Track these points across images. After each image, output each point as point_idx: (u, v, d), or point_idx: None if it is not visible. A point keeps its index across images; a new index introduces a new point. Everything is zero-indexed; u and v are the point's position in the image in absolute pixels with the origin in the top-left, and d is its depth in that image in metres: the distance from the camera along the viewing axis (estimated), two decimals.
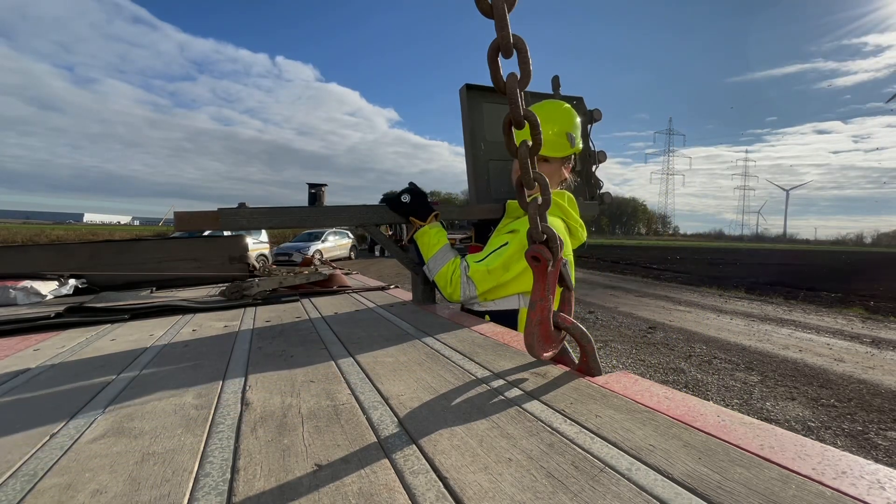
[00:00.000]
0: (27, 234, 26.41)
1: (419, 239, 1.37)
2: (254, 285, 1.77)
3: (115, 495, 0.44)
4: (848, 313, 7.48)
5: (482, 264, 1.28)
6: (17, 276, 1.91)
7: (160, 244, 2.38)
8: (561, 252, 0.81)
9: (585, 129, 1.93)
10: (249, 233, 12.31)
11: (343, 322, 1.30)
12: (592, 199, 1.91)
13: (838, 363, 4.54)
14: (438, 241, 1.35)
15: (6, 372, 0.88)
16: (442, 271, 1.32)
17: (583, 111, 1.94)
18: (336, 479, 0.47)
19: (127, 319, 1.42)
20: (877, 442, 2.86)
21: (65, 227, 41.79)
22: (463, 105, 1.72)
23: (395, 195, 1.41)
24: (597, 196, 1.92)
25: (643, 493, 0.43)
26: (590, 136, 1.92)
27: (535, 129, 0.76)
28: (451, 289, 1.30)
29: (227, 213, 1.21)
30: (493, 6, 0.68)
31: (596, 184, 1.91)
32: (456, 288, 1.29)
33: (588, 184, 1.92)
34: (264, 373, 0.83)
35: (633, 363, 4.47)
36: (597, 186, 1.91)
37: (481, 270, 1.27)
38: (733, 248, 45.82)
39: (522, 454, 0.51)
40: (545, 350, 0.79)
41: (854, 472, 0.45)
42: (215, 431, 0.59)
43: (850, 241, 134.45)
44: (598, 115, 1.90)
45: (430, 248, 1.34)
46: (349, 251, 18.97)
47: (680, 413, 0.60)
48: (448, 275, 1.30)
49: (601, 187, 1.91)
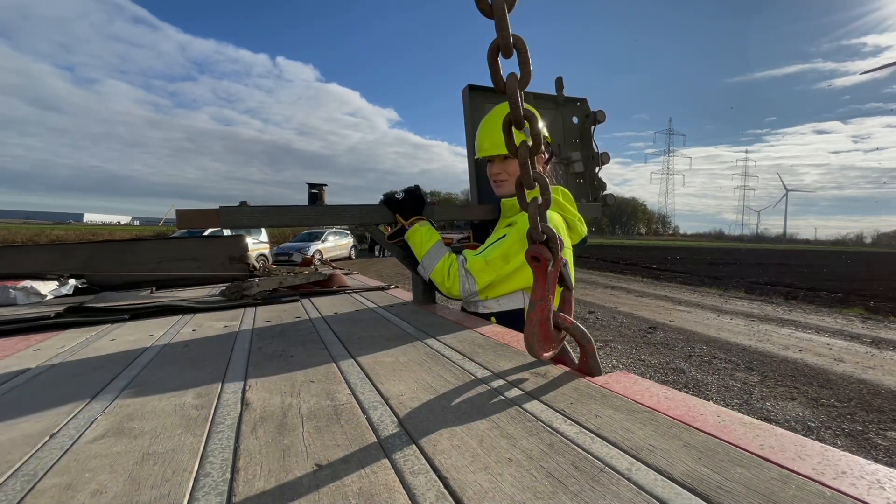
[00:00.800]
0: (27, 234, 26.41)
1: (410, 239, 1.34)
2: (254, 285, 1.77)
3: (115, 495, 0.44)
4: (848, 313, 7.47)
5: (480, 256, 1.25)
6: (17, 276, 1.91)
7: (160, 244, 2.39)
8: (561, 252, 0.81)
9: (589, 131, 1.92)
10: (249, 233, 12.31)
11: (343, 322, 1.30)
12: (595, 201, 1.91)
13: (838, 363, 4.53)
14: (430, 237, 1.32)
15: (6, 372, 0.88)
16: (437, 267, 1.29)
17: (586, 112, 1.94)
18: (336, 479, 0.47)
19: (127, 319, 1.42)
20: (877, 442, 2.86)
21: (65, 227, 41.81)
22: (465, 106, 1.72)
23: (393, 193, 1.40)
24: (600, 197, 1.91)
25: (643, 493, 0.43)
26: (593, 138, 1.91)
27: (536, 128, 0.76)
28: (449, 283, 1.27)
29: (227, 212, 1.21)
30: (493, 6, 0.68)
31: (599, 185, 1.90)
32: (455, 282, 1.26)
33: (591, 185, 1.92)
34: (264, 373, 0.83)
35: (633, 363, 4.47)
36: (600, 188, 1.90)
37: (479, 262, 1.24)
38: (733, 248, 45.83)
39: (522, 454, 0.51)
40: (545, 350, 0.79)
41: (854, 472, 0.45)
42: (215, 431, 0.59)
43: (850, 241, 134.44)
44: (602, 116, 1.89)
45: (423, 245, 1.32)
46: (349, 251, 18.97)
47: (680, 413, 0.60)
48: (445, 269, 1.27)
49: (605, 189, 1.90)
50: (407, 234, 1.35)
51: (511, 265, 1.24)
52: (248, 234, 9.88)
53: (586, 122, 1.93)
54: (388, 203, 1.38)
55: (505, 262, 1.23)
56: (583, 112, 1.95)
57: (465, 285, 1.25)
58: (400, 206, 1.37)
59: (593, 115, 1.90)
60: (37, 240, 21.93)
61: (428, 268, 1.31)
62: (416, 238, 1.33)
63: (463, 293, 1.27)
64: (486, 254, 1.25)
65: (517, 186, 0.82)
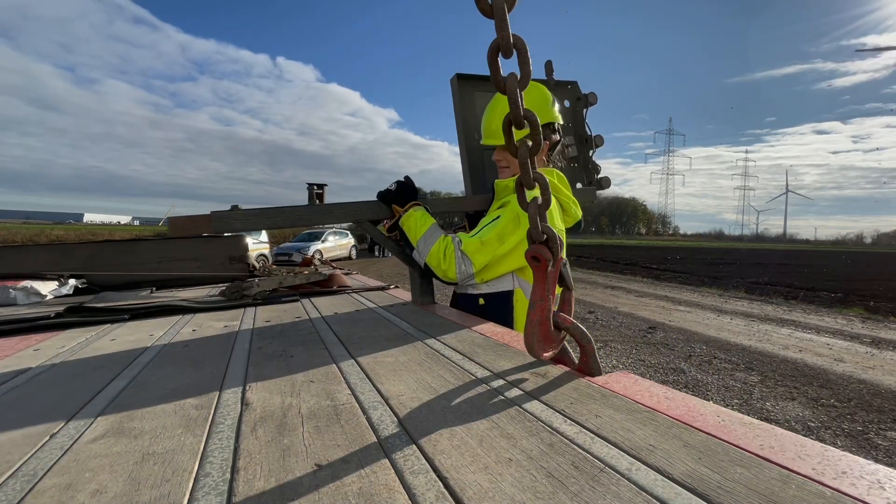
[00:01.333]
0: (27, 234, 26.40)
1: (404, 224, 1.31)
2: (254, 285, 1.77)
3: (115, 495, 0.44)
4: (848, 313, 7.48)
5: (475, 237, 1.24)
6: (17, 276, 1.91)
7: (160, 244, 2.39)
8: (561, 252, 0.81)
9: (581, 114, 1.91)
10: (249, 233, 12.29)
11: (343, 322, 1.30)
12: (590, 185, 1.89)
13: (838, 363, 4.53)
14: (425, 221, 1.30)
15: (6, 372, 0.88)
16: (433, 250, 1.26)
17: (577, 95, 1.91)
18: (336, 479, 0.47)
19: (127, 319, 1.42)
20: (877, 442, 2.86)
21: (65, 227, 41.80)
22: (455, 95, 1.70)
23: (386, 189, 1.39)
24: (594, 181, 1.89)
25: (643, 493, 0.43)
26: (585, 121, 1.89)
27: (535, 129, 0.76)
28: (445, 265, 1.24)
29: (218, 216, 1.21)
30: (493, 6, 0.68)
31: (594, 168, 1.88)
32: (451, 264, 1.23)
33: (585, 168, 1.90)
34: (264, 373, 0.83)
35: (633, 363, 4.47)
36: (595, 171, 1.88)
37: (475, 243, 1.22)
38: (733, 248, 45.82)
39: (522, 454, 0.51)
40: (545, 350, 0.79)
41: (854, 472, 0.45)
42: (215, 431, 0.59)
43: (850, 241, 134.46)
44: (594, 98, 1.87)
45: (417, 229, 1.29)
46: (349, 251, 18.97)
47: (680, 413, 0.60)
48: (440, 252, 1.24)
49: (599, 172, 1.88)
50: (402, 220, 1.32)
51: (506, 245, 1.22)
52: (248, 234, 9.88)
53: (578, 104, 1.90)
54: (382, 197, 1.37)
55: (500, 243, 1.22)
56: (574, 95, 1.92)
57: (462, 267, 1.23)
58: (394, 195, 1.35)
59: (584, 97, 1.87)
60: (37, 240, 21.93)
61: (423, 252, 1.27)
62: (411, 222, 1.30)
63: (459, 276, 1.24)
64: (481, 235, 1.24)
65: (517, 186, 0.82)
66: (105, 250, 2.23)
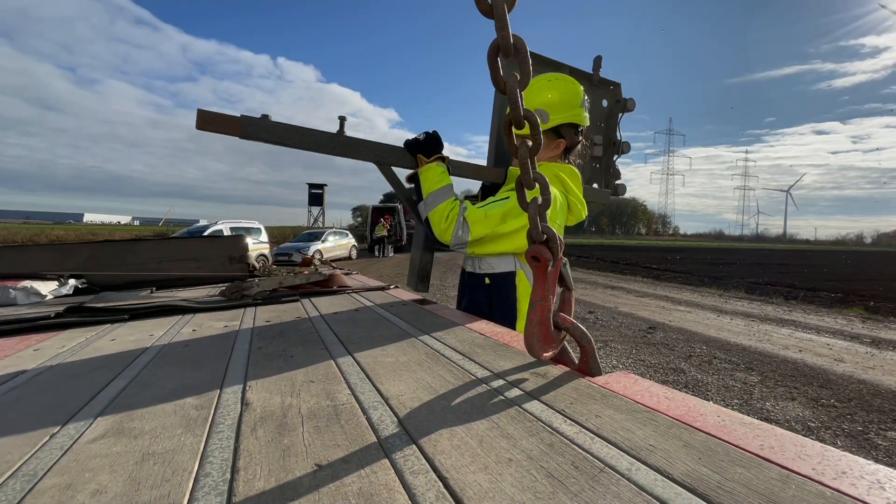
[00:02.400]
0: (27, 234, 26.39)
1: (423, 174, 1.32)
2: (254, 285, 1.77)
3: (115, 495, 0.44)
4: (848, 313, 7.47)
5: (481, 209, 1.27)
6: (17, 276, 1.91)
7: (160, 244, 2.39)
8: (561, 252, 0.81)
9: (616, 117, 1.88)
10: (249, 233, 12.30)
11: (343, 322, 1.30)
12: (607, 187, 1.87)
13: (838, 363, 4.53)
14: (442, 179, 1.31)
15: (6, 372, 0.88)
16: (439, 208, 1.28)
17: (617, 98, 1.90)
18: (336, 479, 0.47)
19: (127, 319, 1.42)
20: (877, 442, 2.86)
21: (65, 227, 41.78)
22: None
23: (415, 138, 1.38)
24: (612, 185, 1.88)
25: (643, 493, 0.43)
26: (619, 124, 1.87)
27: (535, 129, 0.76)
28: (444, 225, 1.27)
29: (248, 121, 1.17)
30: (493, 6, 0.68)
31: (614, 174, 1.88)
32: (450, 225, 1.26)
33: (606, 172, 1.89)
34: (264, 373, 0.83)
35: (633, 363, 4.47)
36: (615, 177, 1.88)
37: (479, 213, 1.25)
38: (733, 248, 45.81)
39: (522, 454, 0.51)
40: (545, 350, 0.79)
41: (854, 472, 0.45)
42: (215, 431, 0.59)
43: (850, 241, 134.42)
44: (632, 105, 1.86)
45: (433, 183, 1.30)
46: (349, 251, 18.98)
47: (680, 413, 0.60)
48: (445, 211, 1.27)
49: (619, 178, 1.88)
50: (422, 169, 1.33)
51: (507, 226, 1.25)
52: (248, 234, 9.90)
53: (615, 107, 1.89)
54: (409, 145, 1.36)
55: (502, 222, 1.25)
56: (614, 97, 1.90)
57: (459, 232, 1.26)
58: (421, 146, 1.35)
59: (623, 101, 1.86)
60: (37, 240, 21.94)
61: (430, 205, 1.29)
62: (430, 174, 1.31)
63: (453, 239, 1.28)
64: (487, 208, 1.27)
65: (517, 186, 0.82)
66: (105, 250, 2.23)
